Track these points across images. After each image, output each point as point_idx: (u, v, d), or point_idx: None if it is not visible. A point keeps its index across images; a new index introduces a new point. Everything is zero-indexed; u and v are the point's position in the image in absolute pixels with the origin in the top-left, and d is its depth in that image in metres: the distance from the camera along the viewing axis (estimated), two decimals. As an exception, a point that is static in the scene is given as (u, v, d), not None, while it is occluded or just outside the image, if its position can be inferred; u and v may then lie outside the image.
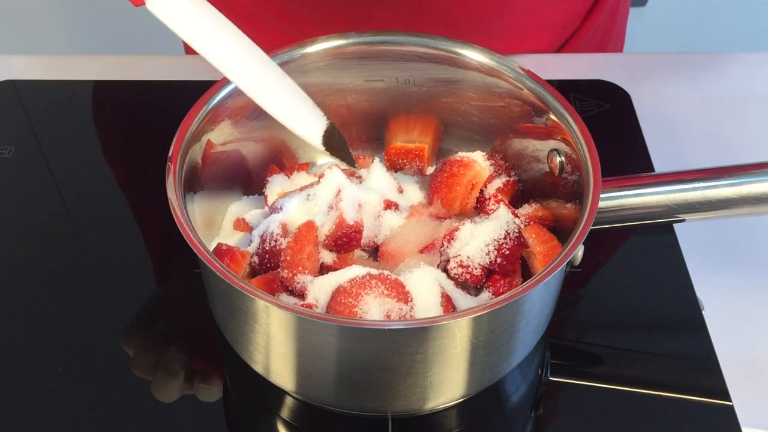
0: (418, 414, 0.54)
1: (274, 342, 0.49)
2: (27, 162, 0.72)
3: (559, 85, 0.78)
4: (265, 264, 0.55)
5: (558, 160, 0.56)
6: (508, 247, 0.55)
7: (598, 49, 0.89)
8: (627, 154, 0.73)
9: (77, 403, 0.55)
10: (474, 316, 0.46)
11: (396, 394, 0.50)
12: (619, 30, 0.93)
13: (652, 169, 0.71)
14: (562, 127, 0.55)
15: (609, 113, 0.76)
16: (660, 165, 0.71)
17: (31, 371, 0.57)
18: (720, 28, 1.88)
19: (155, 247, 0.66)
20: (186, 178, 0.53)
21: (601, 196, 0.51)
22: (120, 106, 0.79)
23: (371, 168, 0.60)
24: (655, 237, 0.66)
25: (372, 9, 0.78)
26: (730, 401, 0.55)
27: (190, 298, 0.61)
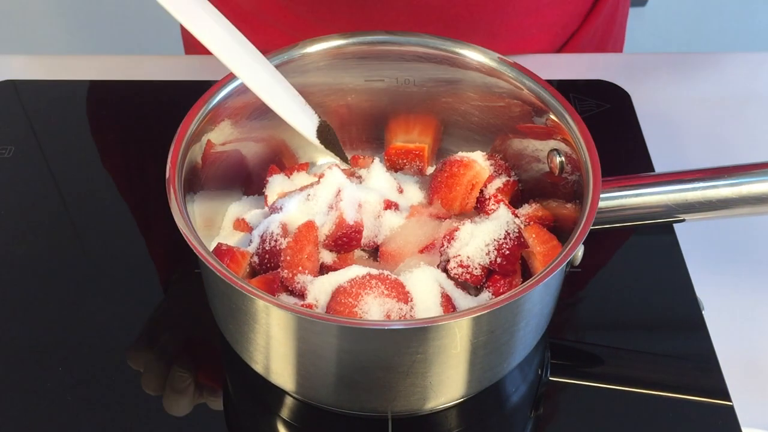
0: (418, 414, 0.54)
1: (274, 342, 0.49)
2: (27, 162, 0.72)
3: (559, 85, 0.78)
4: (265, 264, 0.55)
5: (558, 160, 0.56)
6: (508, 247, 0.55)
7: (598, 49, 0.89)
8: (627, 154, 0.73)
9: (77, 403, 0.55)
10: (474, 316, 0.46)
11: (396, 394, 0.50)
12: (619, 30, 0.93)
13: (652, 169, 0.71)
14: (562, 127, 0.55)
15: (609, 113, 0.76)
16: (660, 165, 0.71)
17: (31, 371, 0.57)
18: (720, 28, 1.88)
19: (155, 247, 0.66)
20: (186, 178, 0.53)
21: (601, 196, 0.51)
22: (120, 106, 0.79)
23: (371, 168, 0.60)
24: (655, 237, 0.66)
25: (372, 9, 0.78)
26: (730, 401, 0.55)
27: (190, 299, 0.61)
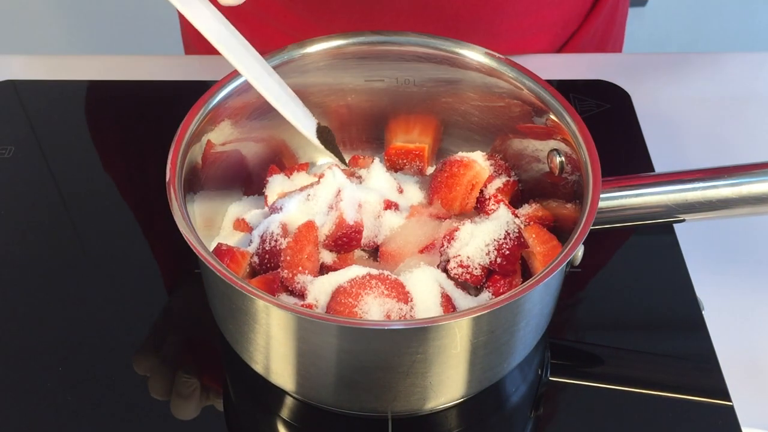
0: (418, 414, 0.54)
1: (274, 342, 0.49)
2: (27, 162, 0.72)
3: (559, 85, 0.78)
4: (265, 264, 0.55)
5: (558, 160, 0.56)
6: (508, 247, 0.55)
7: (597, 49, 0.89)
8: (627, 154, 0.73)
9: (77, 403, 0.55)
10: (474, 316, 0.46)
11: (396, 394, 0.50)
12: (619, 30, 0.93)
13: (652, 169, 0.71)
14: (562, 127, 0.55)
15: (609, 113, 0.76)
16: (660, 165, 0.71)
17: (31, 371, 0.57)
18: (720, 28, 1.88)
19: (155, 247, 0.66)
20: (186, 178, 0.53)
21: (601, 196, 0.51)
22: (120, 106, 0.78)
23: (371, 168, 0.60)
24: (655, 237, 0.66)
25: (372, 9, 0.78)
26: (730, 401, 0.55)
27: (191, 299, 0.61)
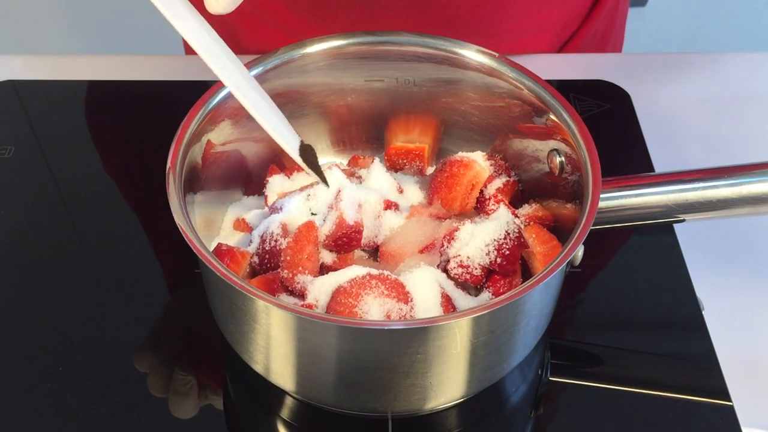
0: (418, 414, 0.54)
1: (274, 342, 0.49)
2: (27, 162, 0.72)
3: (559, 85, 0.78)
4: (265, 264, 0.55)
5: (558, 160, 0.56)
6: (508, 247, 0.55)
7: (598, 49, 0.89)
8: (627, 154, 0.73)
9: (77, 403, 0.55)
10: (474, 316, 0.46)
11: (396, 394, 0.50)
12: (619, 30, 0.93)
13: (652, 169, 0.71)
14: (561, 127, 0.55)
15: (609, 113, 0.76)
16: (660, 165, 0.71)
17: (31, 371, 0.57)
18: (720, 28, 1.88)
19: (155, 247, 0.66)
20: (186, 178, 0.53)
21: (601, 196, 0.51)
22: (120, 106, 0.78)
23: (371, 168, 0.60)
24: (655, 237, 0.66)
25: (372, 9, 0.78)
26: (730, 401, 0.55)
27: (191, 299, 0.61)
